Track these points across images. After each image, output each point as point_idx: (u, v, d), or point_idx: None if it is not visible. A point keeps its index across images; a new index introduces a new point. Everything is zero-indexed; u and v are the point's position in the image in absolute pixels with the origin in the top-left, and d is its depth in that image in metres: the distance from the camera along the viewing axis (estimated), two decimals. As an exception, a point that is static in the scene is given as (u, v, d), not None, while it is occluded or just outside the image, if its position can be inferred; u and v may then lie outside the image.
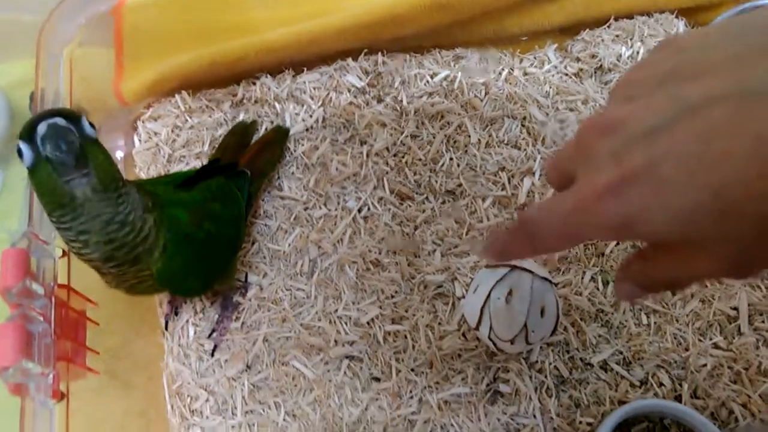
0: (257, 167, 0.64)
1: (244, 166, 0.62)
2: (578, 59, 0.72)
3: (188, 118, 0.70)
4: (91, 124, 0.43)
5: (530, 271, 0.51)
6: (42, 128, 0.40)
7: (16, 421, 0.45)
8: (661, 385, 0.55)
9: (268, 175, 0.67)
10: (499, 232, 0.34)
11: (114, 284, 0.49)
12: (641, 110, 0.26)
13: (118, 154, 0.70)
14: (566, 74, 0.71)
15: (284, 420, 0.57)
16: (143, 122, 0.71)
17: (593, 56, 0.72)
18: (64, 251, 0.51)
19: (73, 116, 0.42)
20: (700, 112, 0.24)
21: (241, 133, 0.68)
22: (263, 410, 0.57)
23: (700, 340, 0.57)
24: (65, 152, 0.40)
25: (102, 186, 0.42)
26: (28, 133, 0.41)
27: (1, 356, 0.44)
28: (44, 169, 0.41)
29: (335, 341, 0.59)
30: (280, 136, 0.68)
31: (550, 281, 0.52)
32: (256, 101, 0.71)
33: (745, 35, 0.26)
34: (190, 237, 0.51)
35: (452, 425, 0.55)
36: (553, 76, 0.71)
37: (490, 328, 0.51)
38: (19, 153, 0.42)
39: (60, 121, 0.41)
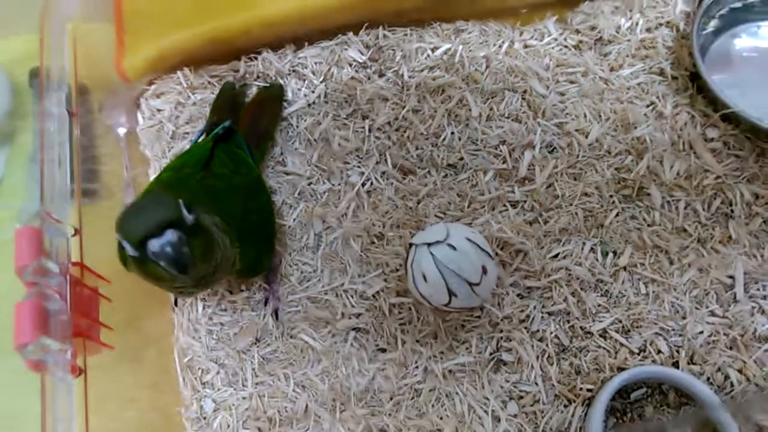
0: (258, 129, 0.65)
1: (245, 130, 0.63)
2: (578, 31, 0.72)
3: (191, 94, 0.70)
4: (187, 208, 0.44)
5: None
6: (154, 245, 0.43)
7: (37, 397, 0.46)
8: (659, 352, 0.57)
9: (271, 135, 0.67)
10: None
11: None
12: None
13: (121, 131, 0.70)
14: (566, 46, 0.71)
15: (294, 390, 0.58)
16: (146, 99, 0.71)
17: (593, 28, 0.72)
18: (76, 230, 0.52)
19: (178, 219, 0.43)
20: None
21: (230, 94, 0.68)
22: (273, 381, 0.59)
23: (696, 308, 0.59)
24: (179, 267, 0.43)
25: (204, 260, 0.47)
26: (137, 244, 0.43)
27: (21, 334, 0.45)
28: (152, 266, 0.44)
29: (342, 314, 0.60)
30: (274, 92, 0.69)
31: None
32: (258, 76, 0.71)
33: None
34: (246, 222, 0.54)
35: (457, 393, 0.57)
36: (553, 48, 0.71)
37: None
38: (121, 246, 0.45)
39: (172, 237, 0.43)
